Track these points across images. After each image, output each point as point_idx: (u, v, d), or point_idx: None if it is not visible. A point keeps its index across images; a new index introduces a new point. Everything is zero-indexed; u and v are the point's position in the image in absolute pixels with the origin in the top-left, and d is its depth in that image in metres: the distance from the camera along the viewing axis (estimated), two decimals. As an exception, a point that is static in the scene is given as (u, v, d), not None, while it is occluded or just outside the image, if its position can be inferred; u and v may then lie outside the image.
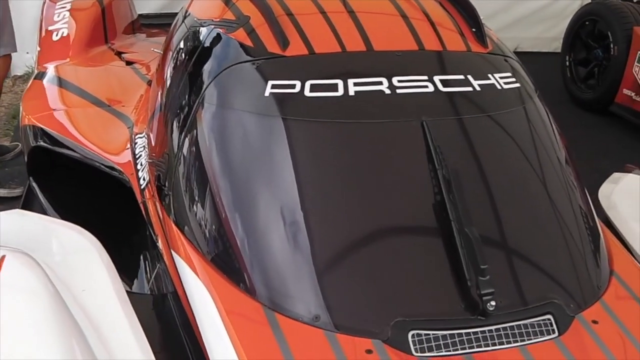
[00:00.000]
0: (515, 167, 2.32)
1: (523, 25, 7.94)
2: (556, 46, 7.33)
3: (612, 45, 6.30)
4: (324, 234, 2.09)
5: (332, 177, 2.18)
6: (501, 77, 2.48)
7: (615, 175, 3.52)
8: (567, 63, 6.83)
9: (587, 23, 6.66)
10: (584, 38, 6.71)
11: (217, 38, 2.60)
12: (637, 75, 6.00)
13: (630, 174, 3.53)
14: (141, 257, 2.79)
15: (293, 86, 2.28)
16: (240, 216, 2.16)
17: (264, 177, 2.21)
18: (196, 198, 2.32)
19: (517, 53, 7.24)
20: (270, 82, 2.30)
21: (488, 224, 2.14)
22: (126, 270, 2.68)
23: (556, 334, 2.02)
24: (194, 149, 2.37)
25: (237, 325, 1.96)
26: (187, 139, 2.41)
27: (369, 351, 1.90)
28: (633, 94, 6.10)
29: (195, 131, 2.39)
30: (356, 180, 2.18)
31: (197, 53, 2.64)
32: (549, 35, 7.93)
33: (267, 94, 2.29)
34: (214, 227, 2.19)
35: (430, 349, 1.93)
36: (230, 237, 2.14)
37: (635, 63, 6.05)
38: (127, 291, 2.10)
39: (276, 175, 2.20)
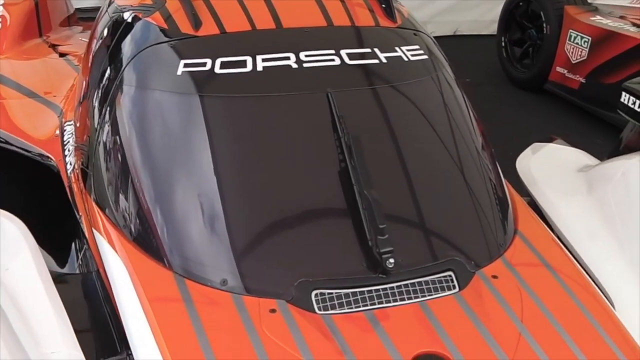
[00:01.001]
0: (417, 133, 2.43)
1: (461, 9, 8.06)
2: (494, 29, 7.46)
3: (544, 25, 6.44)
4: (232, 202, 2.19)
5: (240, 148, 2.29)
6: (409, 50, 2.59)
7: (536, 145, 3.63)
8: (503, 44, 6.96)
9: (521, 4, 6.79)
10: (518, 19, 6.84)
11: (135, 22, 2.69)
12: (569, 53, 6.13)
13: (550, 144, 3.64)
14: (74, 239, 2.86)
15: (204, 64, 2.37)
16: (154, 190, 2.25)
17: (176, 151, 2.31)
18: (114, 176, 2.41)
19: (456, 36, 7.35)
20: (182, 62, 2.39)
21: (388, 187, 2.24)
22: (60, 252, 2.75)
23: (456, 289, 2.12)
24: (113, 128, 2.46)
25: (150, 296, 2.05)
26: (106, 120, 2.50)
27: (272, 310, 2.00)
28: (565, 71, 6.25)
29: (113, 112, 2.48)
30: (264, 149, 2.30)
31: (116, 38, 2.72)
32: (486, 18, 8.06)
33: (179, 72, 2.38)
34: (130, 203, 2.28)
35: (332, 307, 2.03)
36: (145, 212, 2.23)
37: (567, 41, 6.20)
38: (58, 272, 2.17)
39: (188, 149, 2.30)
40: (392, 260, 2.04)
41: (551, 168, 3.31)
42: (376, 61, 2.48)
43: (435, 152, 2.41)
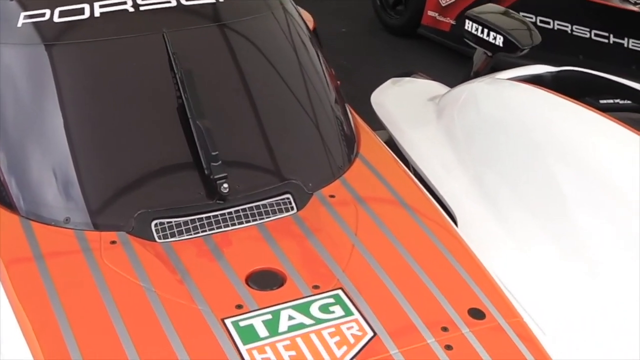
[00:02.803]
0: (253, 65, 2.48)
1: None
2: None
3: (414, -30, 6.52)
4: (71, 141, 2.21)
5: (80, 90, 2.33)
6: None
7: (393, 79, 3.71)
8: (377, -8, 7.02)
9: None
10: (389, -34, 6.91)
11: None
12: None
13: (406, 78, 3.72)
14: None
15: (43, 14, 2.40)
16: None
17: (18, 98, 2.32)
18: None
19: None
20: (22, 14, 2.41)
21: (223, 116, 2.30)
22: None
23: (294, 210, 2.19)
24: None
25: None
26: None
27: (113, 242, 2.04)
28: (437, 15, 6.37)
29: None
30: (103, 90, 2.35)
31: None
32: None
33: (20, 24, 2.39)
34: None
35: (172, 235, 2.07)
36: None
37: (437, -15, 6.29)
38: None
39: (30, 95, 2.34)
40: (226, 186, 2.09)
41: (405, 100, 3.40)
42: (212, 0, 2.52)
43: (272, 83, 2.47)
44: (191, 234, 2.07)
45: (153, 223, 2.08)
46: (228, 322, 1.81)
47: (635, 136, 2.41)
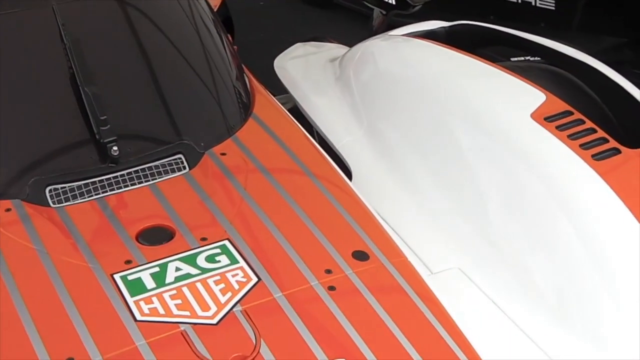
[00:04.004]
0: (141, 31, 2.55)
1: None
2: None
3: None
4: None
5: None
6: None
7: (297, 44, 3.77)
8: (292, -37, 7.04)
9: None
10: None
11: None
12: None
13: (310, 43, 3.79)
14: None
15: None
16: None
17: None
18: None
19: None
20: None
21: (112, 83, 2.37)
22: None
23: (186, 169, 2.24)
24: None
25: None
26: None
27: (8, 210, 2.08)
28: (347, -19, 6.41)
29: None
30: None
31: None
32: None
33: None
34: None
35: (67, 200, 2.12)
36: None
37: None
38: None
39: None
40: (115, 149, 2.15)
41: (307, 63, 3.47)
42: None
43: (162, 48, 2.53)
44: (85, 198, 2.13)
45: (47, 189, 2.13)
46: (117, 276, 1.87)
47: (528, 86, 2.50)
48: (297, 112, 3.02)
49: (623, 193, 2.11)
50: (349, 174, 2.55)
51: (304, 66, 3.43)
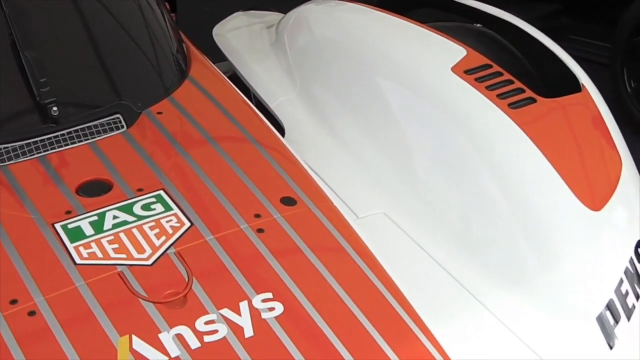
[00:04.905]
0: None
1: None
2: None
3: None
4: None
5: None
6: None
7: (236, 13, 3.88)
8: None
9: None
10: None
11: None
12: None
13: (250, 12, 3.90)
14: None
15: None
16: None
17: None
18: None
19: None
20: None
21: (52, 47, 2.47)
22: None
23: (124, 128, 2.36)
24: None
25: None
26: None
27: None
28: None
29: None
30: None
31: None
32: None
33: None
34: None
35: (9, 159, 2.23)
36: None
37: None
38: None
39: None
40: (55, 109, 2.26)
41: (246, 31, 3.58)
42: None
43: (100, 13, 2.64)
44: (27, 156, 2.24)
45: None
46: (57, 225, 1.99)
47: (451, 43, 2.64)
48: (237, 79, 3.12)
49: (536, 138, 2.25)
50: (282, 132, 2.66)
51: (242, 34, 3.54)
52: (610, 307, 2.10)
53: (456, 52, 2.55)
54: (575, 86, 2.53)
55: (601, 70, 5.26)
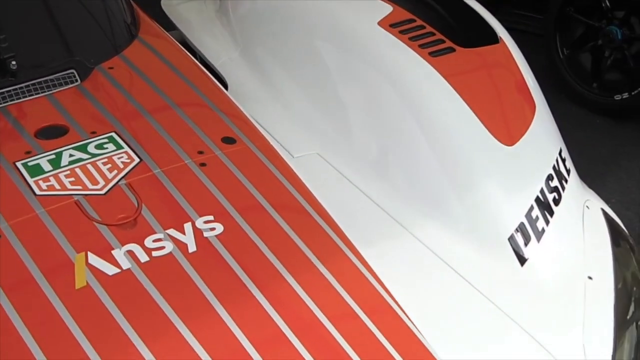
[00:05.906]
0: None
1: None
2: None
3: None
4: None
5: None
6: None
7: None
8: None
9: None
10: None
11: None
12: None
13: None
14: None
15: None
16: None
17: None
18: None
19: None
20: None
21: (9, 6, 2.66)
22: None
23: (78, 82, 2.58)
24: None
25: None
26: None
27: None
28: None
29: None
30: None
31: None
32: None
33: None
34: None
35: None
36: None
37: None
38: None
39: None
40: (14, 63, 2.47)
41: (193, 2, 3.81)
42: None
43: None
44: None
45: None
46: (18, 164, 2.20)
47: (379, 1, 2.90)
48: (185, 45, 3.36)
49: (455, 82, 2.52)
50: (225, 87, 2.90)
51: (189, 5, 3.76)
52: (521, 229, 2.34)
53: (383, 8, 2.80)
54: (493, 39, 2.78)
55: (536, 40, 5.57)
